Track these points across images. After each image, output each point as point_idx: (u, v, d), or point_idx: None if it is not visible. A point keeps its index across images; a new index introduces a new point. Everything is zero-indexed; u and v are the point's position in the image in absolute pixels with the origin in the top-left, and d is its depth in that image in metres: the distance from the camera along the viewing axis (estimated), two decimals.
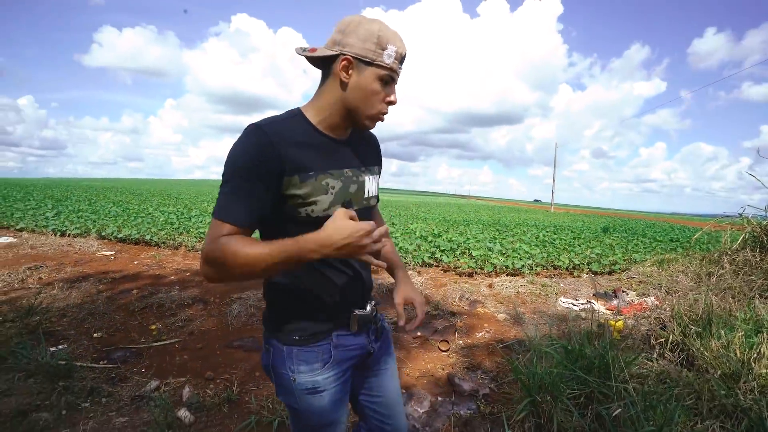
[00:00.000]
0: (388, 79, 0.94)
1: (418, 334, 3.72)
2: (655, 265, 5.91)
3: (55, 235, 7.13)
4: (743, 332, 2.70)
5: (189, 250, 6.39)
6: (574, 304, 4.69)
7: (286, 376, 1.01)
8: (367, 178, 1.06)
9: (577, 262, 6.21)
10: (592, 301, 4.74)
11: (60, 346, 2.98)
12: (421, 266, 5.95)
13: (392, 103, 0.98)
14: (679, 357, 2.95)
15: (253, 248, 0.85)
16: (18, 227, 7.77)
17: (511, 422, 2.24)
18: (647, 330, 3.77)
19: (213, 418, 2.23)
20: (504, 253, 6.25)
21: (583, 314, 4.31)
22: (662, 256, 6.13)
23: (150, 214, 9.79)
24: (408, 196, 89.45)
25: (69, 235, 7.13)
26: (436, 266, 6.06)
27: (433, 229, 9.22)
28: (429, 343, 3.52)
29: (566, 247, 7.46)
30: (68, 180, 68.88)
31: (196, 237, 6.85)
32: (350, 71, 0.92)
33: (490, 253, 6.20)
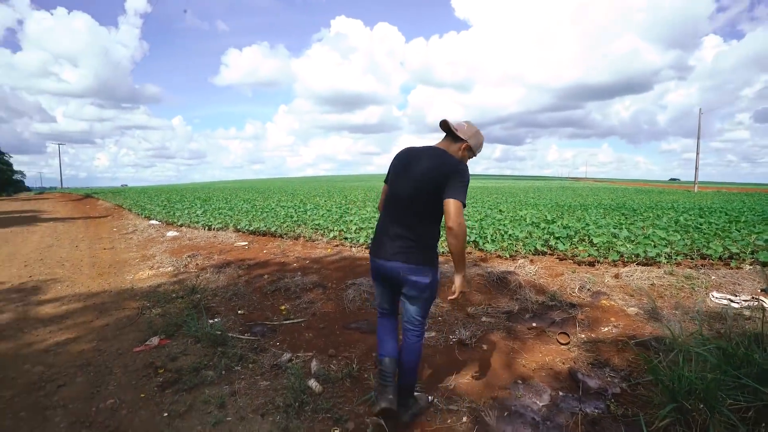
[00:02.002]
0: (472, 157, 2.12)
1: (533, 324, 3.51)
2: None
3: (204, 229, 8.60)
4: None
5: (307, 240, 7.08)
6: (732, 300, 3.88)
7: (437, 280, 2.04)
8: None
9: (736, 251, 5.11)
10: (761, 297, 3.86)
11: (216, 319, 3.60)
12: (534, 254, 5.58)
13: None
14: None
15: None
16: (179, 223, 9.59)
17: (651, 429, 1.98)
18: None
19: (337, 389, 2.46)
20: (633, 240, 5.48)
21: (746, 312, 3.54)
22: None
23: (273, 209, 11.12)
24: (514, 182, 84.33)
25: (214, 229, 8.53)
26: (550, 254, 5.61)
27: (546, 215, 8.54)
28: (546, 335, 3.30)
29: (718, 232, 6.19)
30: (209, 183, 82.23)
31: (312, 228, 7.55)
32: (464, 150, 2.04)
33: (615, 240, 5.50)
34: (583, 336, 3.27)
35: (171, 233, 8.44)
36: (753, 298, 3.89)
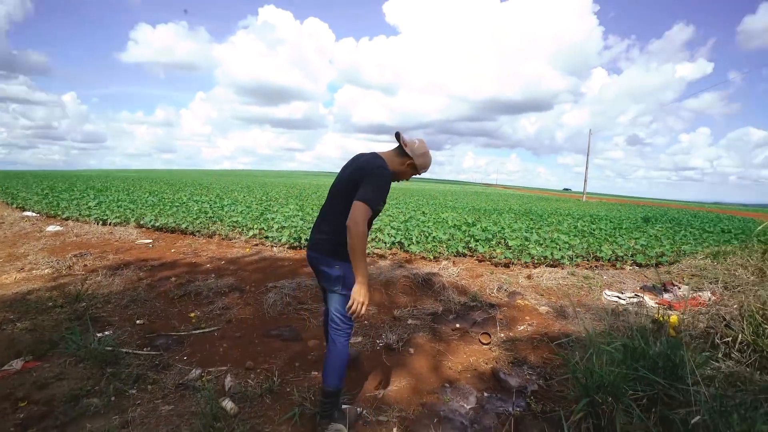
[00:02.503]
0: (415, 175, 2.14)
1: (457, 326, 3.59)
2: (708, 258, 5.50)
3: (98, 224, 7.41)
4: None
5: (223, 239, 6.49)
6: (620, 298, 4.42)
7: (350, 277, 1.89)
8: None
9: (621, 254, 5.87)
10: (641, 294, 4.45)
11: (106, 332, 3.05)
12: (455, 256, 5.79)
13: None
14: (750, 359, 2.68)
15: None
16: (64, 216, 8.15)
17: (567, 422, 2.09)
18: (707, 327, 3.49)
19: (256, 408, 2.20)
20: (542, 244, 5.99)
21: (631, 308, 4.05)
22: (717, 248, 5.69)
23: (184, 203, 10.06)
24: (434, 185, 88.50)
25: (110, 224, 7.40)
26: (470, 256, 5.88)
27: (466, 219, 8.99)
28: (469, 336, 3.39)
29: (607, 237, 7.09)
30: (108, 171, 72.27)
31: (229, 226, 6.95)
32: (408, 166, 2.06)
33: (527, 243, 5.95)
34: (503, 335, 3.42)
35: (52, 228, 7.11)
36: (635, 295, 4.48)
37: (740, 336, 2.80)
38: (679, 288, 4.61)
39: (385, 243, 5.87)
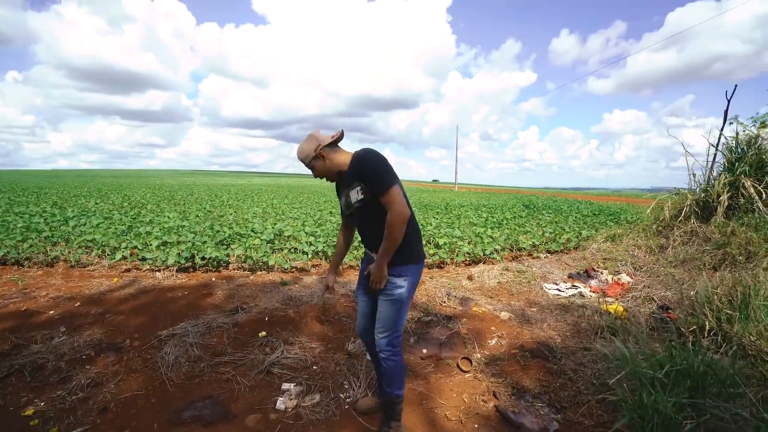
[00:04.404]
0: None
1: (424, 351, 2.99)
2: (608, 241, 6.06)
3: None
4: None
5: (71, 267, 4.64)
6: (560, 291, 4.42)
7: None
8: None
9: (537, 243, 6.08)
10: (578, 285, 4.54)
11: None
12: None
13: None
14: (723, 347, 2.69)
15: None
16: None
17: None
18: (651, 314, 3.62)
19: None
20: (469, 241, 5.82)
21: (578, 301, 4.04)
22: (613, 231, 6.33)
23: (0, 217, 7.20)
24: (313, 180, 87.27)
25: None
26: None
27: None
28: (444, 364, 2.82)
29: (516, 227, 7.39)
30: None
31: (81, 247, 5.04)
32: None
33: (455, 240, 5.70)
34: (479, 355, 2.95)
35: None
36: (572, 285, 4.55)
37: (707, 324, 2.84)
38: (601, 273, 4.86)
39: (305, 253, 4.92)
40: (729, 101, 6.15)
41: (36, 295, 3.73)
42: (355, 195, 1.77)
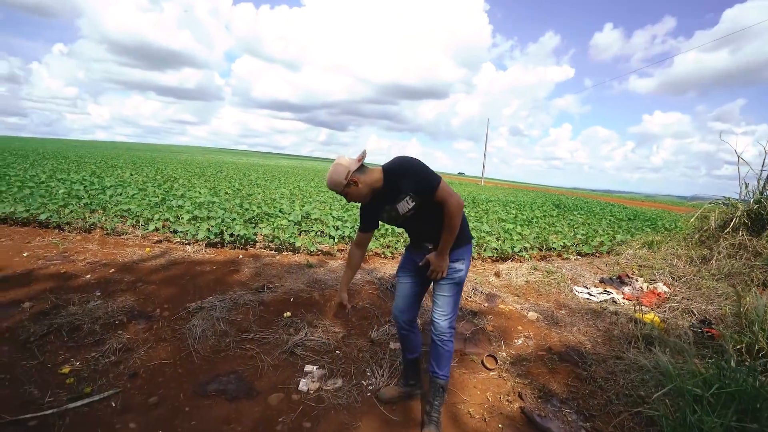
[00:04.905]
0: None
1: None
2: (644, 247, 5.77)
3: None
4: None
5: (108, 235, 4.82)
6: (591, 295, 4.25)
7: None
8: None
9: (568, 244, 5.87)
10: (610, 291, 4.34)
11: None
12: None
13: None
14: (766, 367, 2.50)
15: None
16: None
17: None
18: (690, 327, 3.42)
19: None
20: (498, 237, 5.67)
21: (611, 307, 3.87)
22: (650, 237, 6.02)
23: (43, 183, 7.56)
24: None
25: None
26: None
27: None
28: (469, 360, 2.75)
29: (547, 226, 7.16)
30: None
31: (117, 216, 5.23)
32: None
33: (484, 235, 5.57)
34: (504, 353, 2.87)
35: None
36: (604, 291, 4.36)
37: (758, 344, 2.65)
38: (636, 280, 4.64)
39: (331, 237, 4.92)
40: None
41: (74, 259, 3.88)
42: (405, 206, 1.80)
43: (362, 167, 1.79)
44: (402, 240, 5.21)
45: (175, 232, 4.71)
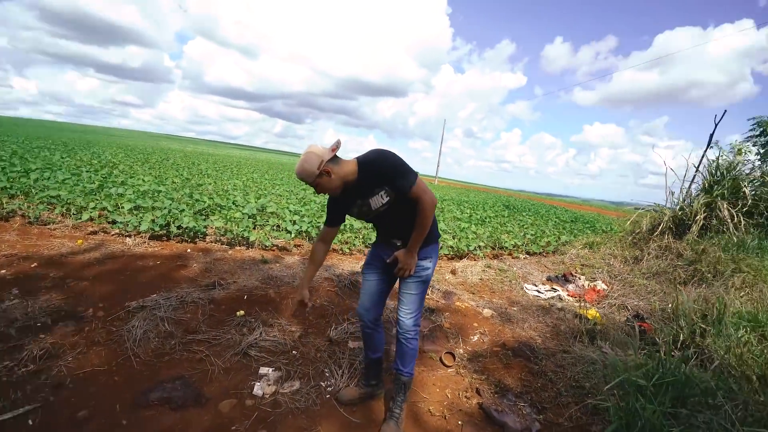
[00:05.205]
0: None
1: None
2: (586, 248, 6.18)
3: None
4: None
5: (30, 224, 4.28)
6: (540, 292, 4.46)
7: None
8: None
9: (519, 243, 6.13)
10: (556, 288, 4.59)
11: None
12: (367, 247, 5.08)
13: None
14: (689, 356, 2.76)
15: None
16: None
17: None
18: (626, 322, 3.70)
19: None
20: (453, 235, 5.79)
21: (558, 304, 4.09)
22: (591, 239, 6.46)
23: None
24: (294, 158, 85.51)
25: None
26: None
27: None
28: (427, 357, 2.77)
29: (499, 226, 7.44)
30: None
31: (42, 203, 4.66)
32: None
33: (441, 233, 5.66)
34: (461, 350, 2.92)
35: None
36: (552, 288, 4.60)
37: (681, 336, 2.91)
38: (579, 278, 4.95)
39: (288, 232, 4.75)
40: (716, 125, 6.33)
41: None
42: (379, 200, 1.75)
43: (335, 158, 1.70)
44: (360, 237, 5.15)
45: (113, 222, 4.29)
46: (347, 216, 1.97)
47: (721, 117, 6.39)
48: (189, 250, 4.05)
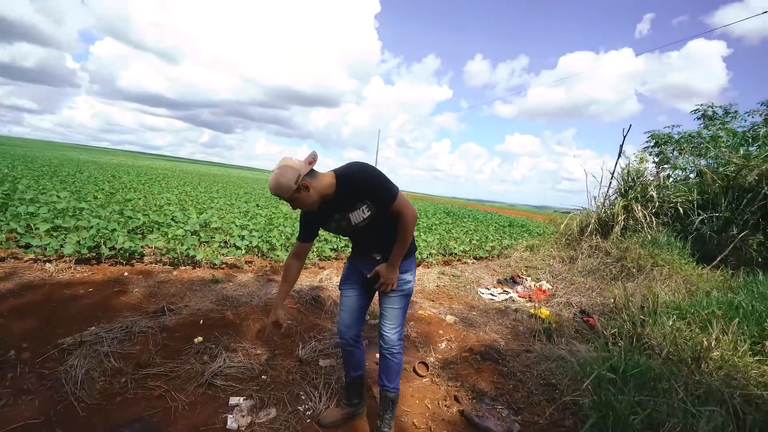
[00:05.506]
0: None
1: (377, 356, 2.89)
2: (527, 250, 6.64)
3: None
4: (691, 320, 3.02)
5: None
6: (493, 295, 4.68)
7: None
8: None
9: (467, 249, 6.40)
10: (507, 290, 4.85)
11: None
12: (322, 259, 4.96)
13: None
14: (634, 346, 3.08)
15: None
16: None
17: None
18: (572, 318, 4.01)
19: None
20: None
21: (512, 305, 4.31)
22: (531, 242, 6.95)
23: None
24: (225, 170, 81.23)
25: None
26: (336, 259, 5.18)
27: None
28: (403, 369, 2.75)
29: (445, 233, 7.70)
30: None
31: None
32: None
33: None
34: (432, 359, 2.96)
35: None
36: (503, 290, 4.85)
37: (626, 327, 3.22)
38: (525, 279, 5.28)
39: (238, 248, 4.46)
40: (624, 137, 7.22)
41: None
42: (360, 214, 1.71)
43: (312, 171, 1.63)
44: (315, 250, 5.01)
45: (27, 247, 3.68)
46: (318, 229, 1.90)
47: (628, 130, 7.32)
48: (126, 274, 3.61)
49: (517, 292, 4.86)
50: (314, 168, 1.65)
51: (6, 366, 2.11)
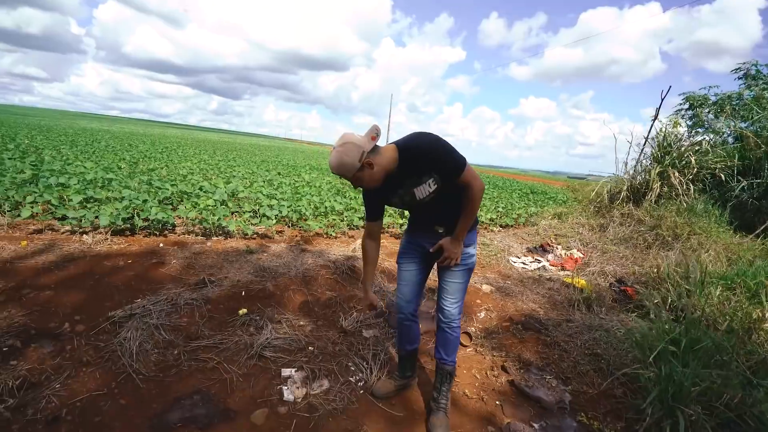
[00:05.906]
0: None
1: (420, 326, 2.88)
2: (555, 218, 6.48)
3: None
4: (738, 291, 2.90)
5: None
6: (525, 264, 4.61)
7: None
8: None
9: (494, 217, 6.28)
10: (539, 258, 4.77)
11: None
12: (351, 228, 4.91)
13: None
14: (678, 317, 2.99)
15: None
16: None
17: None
18: (610, 286, 3.93)
19: None
20: None
21: (545, 274, 4.25)
22: (558, 209, 6.77)
23: None
24: (234, 137, 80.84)
25: None
26: (362, 228, 5.13)
27: (333, 182, 8.05)
28: None
29: None
30: None
31: None
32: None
33: None
34: (473, 329, 2.93)
35: None
36: (535, 259, 4.77)
37: (669, 298, 3.13)
38: (556, 248, 5.18)
39: (268, 218, 4.43)
40: (663, 100, 6.79)
41: None
42: (426, 188, 1.61)
43: (374, 146, 1.53)
44: (345, 219, 4.95)
45: (63, 218, 3.70)
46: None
47: (667, 92, 6.88)
48: (161, 245, 3.62)
49: (548, 260, 4.78)
50: (377, 144, 1.55)
51: (63, 339, 2.14)
